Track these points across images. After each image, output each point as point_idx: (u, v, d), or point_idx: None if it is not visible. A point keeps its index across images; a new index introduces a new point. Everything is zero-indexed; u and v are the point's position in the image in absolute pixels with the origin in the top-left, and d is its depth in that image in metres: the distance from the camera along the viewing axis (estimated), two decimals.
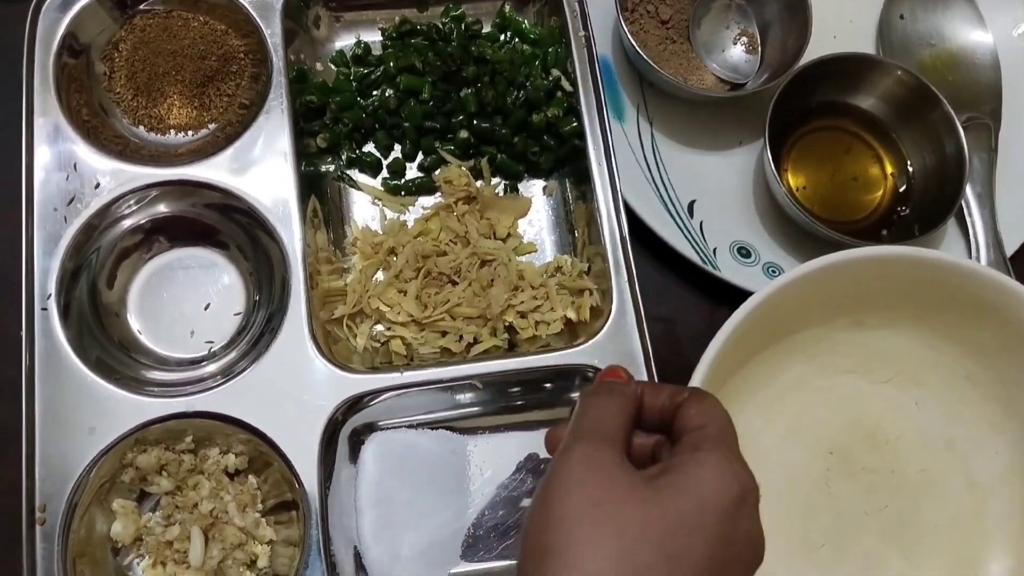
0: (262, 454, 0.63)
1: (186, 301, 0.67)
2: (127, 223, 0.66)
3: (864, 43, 0.82)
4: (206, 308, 0.67)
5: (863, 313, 0.68)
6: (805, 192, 0.75)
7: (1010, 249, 0.75)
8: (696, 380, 0.58)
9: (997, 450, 0.68)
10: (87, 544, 0.60)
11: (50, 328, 0.62)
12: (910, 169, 0.76)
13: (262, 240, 0.67)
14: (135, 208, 0.66)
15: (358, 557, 0.62)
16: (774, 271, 0.72)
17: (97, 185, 0.65)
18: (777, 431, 0.68)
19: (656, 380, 0.65)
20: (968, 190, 0.75)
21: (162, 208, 0.67)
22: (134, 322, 0.66)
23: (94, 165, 0.65)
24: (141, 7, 0.71)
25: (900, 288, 0.65)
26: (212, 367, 0.66)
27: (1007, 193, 0.77)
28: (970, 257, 0.75)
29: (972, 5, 0.82)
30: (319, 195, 0.70)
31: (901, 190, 0.76)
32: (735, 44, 0.78)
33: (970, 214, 0.75)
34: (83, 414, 0.60)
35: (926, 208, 0.74)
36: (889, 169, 0.77)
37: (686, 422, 0.46)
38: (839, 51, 0.75)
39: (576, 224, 0.72)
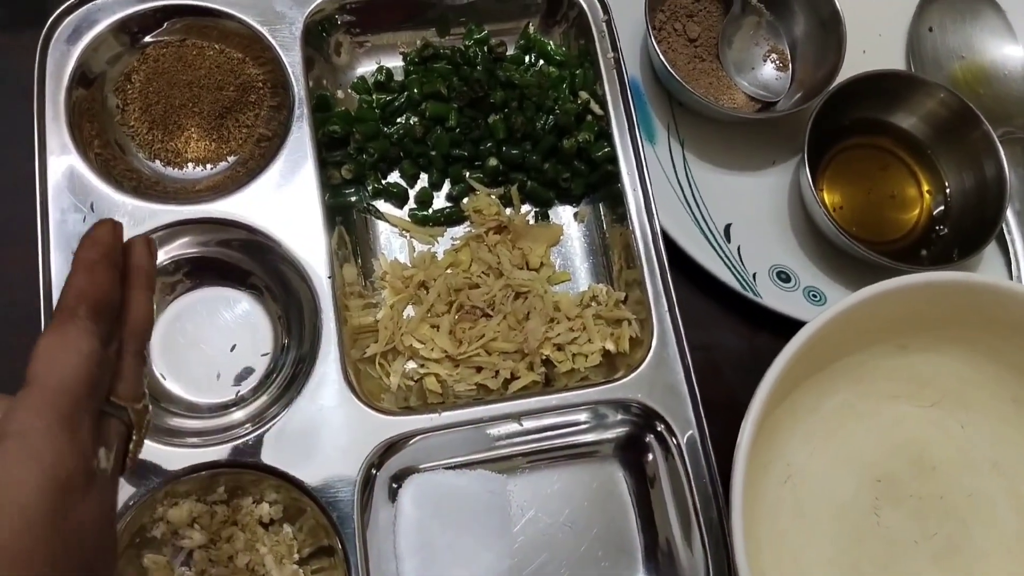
0: (296, 502, 0.60)
1: (211, 342, 0.65)
2: None
3: (894, 57, 0.81)
4: (232, 349, 0.65)
5: (907, 337, 0.66)
6: (842, 212, 0.73)
7: None
8: (750, 418, 0.56)
9: None
10: None
11: None
12: (947, 188, 0.75)
13: (289, 277, 0.64)
14: (158, 249, 0.63)
15: None
16: (815, 295, 0.70)
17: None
18: (823, 460, 0.67)
19: (701, 411, 0.63)
20: (1007, 209, 0.73)
21: (184, 247, 0.64)
22: (159, 367, 0.64)
23: (112, 204, 0.63)
24: (154, 36, 0.68)
25: (945, 311, 0.64)
26: (241, 413, 0.63)
27: None
28: (1010, 276, 0.73)
29: (1002, 17, 0.80)
30: (345, 227, 0.68)
31: (938, 210, 0.75)
32: (765, 61, 0.76)
33: (1009, 232, 0.74)
34: None
35: (965, 228, 0.73)
36: (925, 187, 0.75)
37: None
38: (869, 65, 0.74)
39: (611, 249, 0.70)
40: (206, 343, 0.65)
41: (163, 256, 0.64)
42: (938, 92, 0.72)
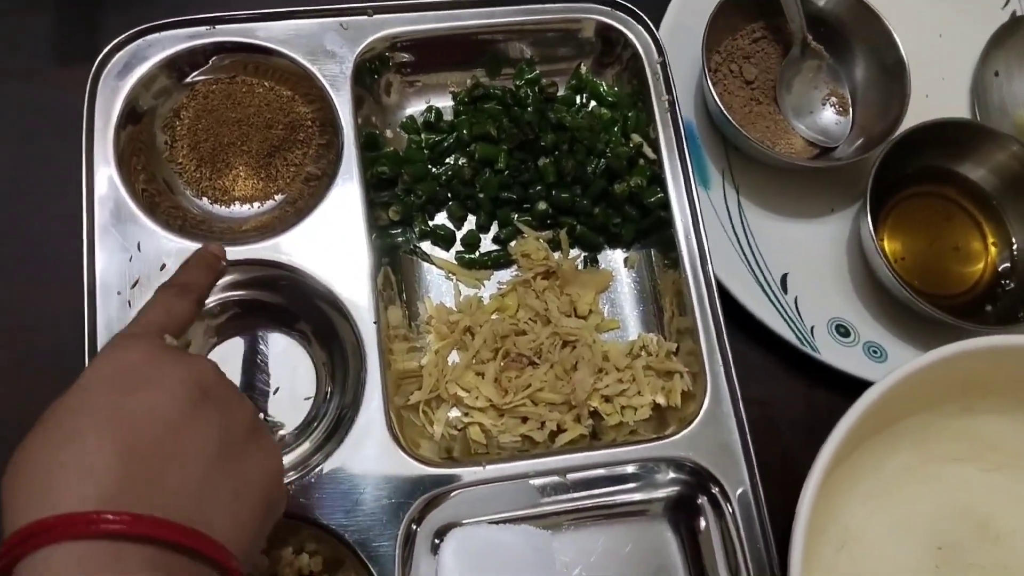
0: (336, 554, 0.59)
1: (255, 385, 0.64)
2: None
3: (958, 102, 0.78)
4: (275, 392, 0.64)
5: (973, 399, 0.63)
6: (903, 263, 0.71)
7: None
8: (810, 486, 0.54)
9: None
10: None
11: None
12: (1014, 243, 0.72)
13: (334, 321, 0.63)
14: None
15: None
16: (875, 351, 0.68)
17: (163, 267, 0.61)
18: (883, 523, 0.64)
19: (756, 472, 0.60)
20: None
21: (229, 289, 0.63)
22: None
23: (159, 245, 0.62)
24: (203, 73, 0.67)
25: (1013, 373, 0.61)
26: (284, 460, 0.61)
27: None
28: None
29: None
30: (392, 268, 0.67)
31: (1004, 264, 0.72)
32: (825, 106, 0.74)
33: None
34: None
35: None
36: (991, 240, 0.73)
37: None
38: (932, 110, 0.72)
39: (662, 297, 0.68)
40: (249, 385, 0.64)
41: (210, 299, 0.63)
42: (1010, 144, 0.70)
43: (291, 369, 0.64)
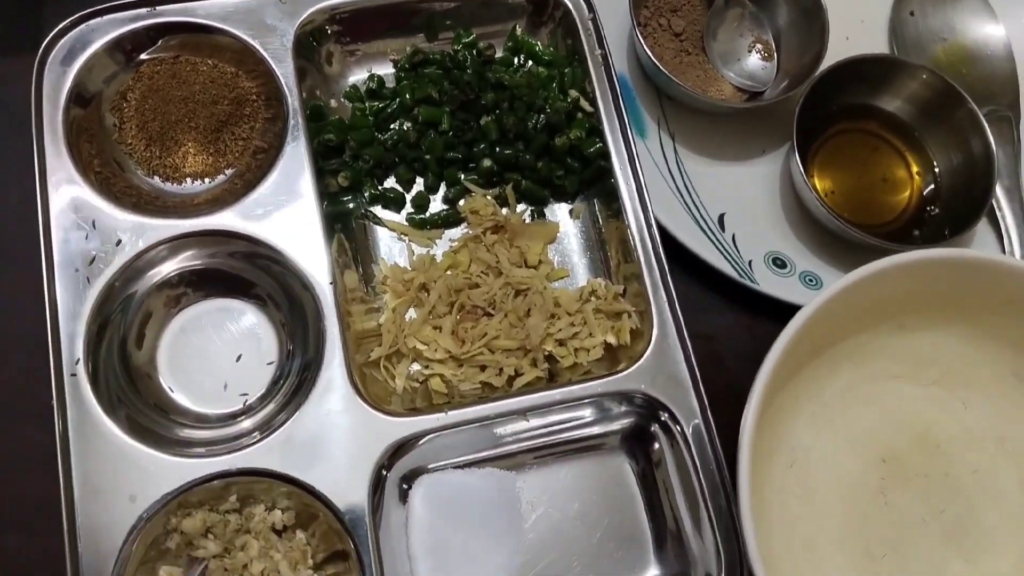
0: (308, 507, 0.61)
1: (217, 354, 0.65)
2: (152, 278, 0.64)
3: (876, 42, 0.82)
4: (238, 359, 0.65)
5: (905, 316, 0.67)
6: (833, 196, 0.74)
7: None
8: (752, 404, 0.56)
9: None
10: None
11: (81, 394, 0.59)
12: (936, 169, 0.76)
13: (292, 285, 0.65)
14: (160, 263, 0.64)
15: None
16: (811, 280, 0.71)
17: (119, 242, 0.63)
18: (829, 443, 0.67)
19: (704, 399, 0.63)
20: (996, 186, 0.74)
21: (186, 261, 0.65)
22: (166, 381, 0.64)
23: (113, 221, 0.63)
24: (148, 54, 0.69)
25: (942, 289, 0.64)
26: (250, 422, 0.64)
27: None
28: (1003, 251, 0.74)
29: None
30: (345, 233, 0.69)
31: (928, 190, 0.76)
32: (751, 52, 0.77)
33: (1000, 209, 0.75)
34: (122, 481, 0.58)
35: (956, 206, 0.74)
36: (915, 169, 0.76)
37: None
38: (853, 51, 0.75)
39: (608, 244, 0.71)
40: (212, 355, 0.65)
41: (166, 269, 0.65)
42: (920, 73, 0.73)
43: (252, 335, 0.66)
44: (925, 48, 0.80)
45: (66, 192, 0.63)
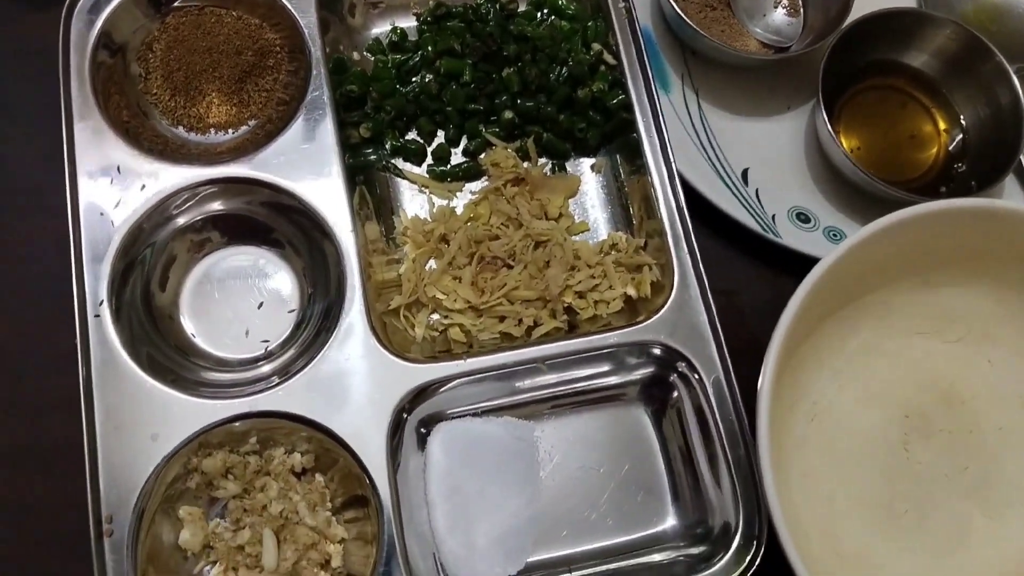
0: (328, 451, 0.61)
1: (239, 301, 0.66)
2: (176, 223, 0.65)
3: (906, 1, 0.80)
4: (260, 307, 0.66)
5: (930, 272, 0.66)
6: (859, 153, 0.73)
7: None
8: (771, 353, 0.56)
9: None
10: (156, 554, 0.58)
11: (104, 335, 0.60)
12: (964, 124, 0.75)
13: (313, 235, 0.66)
14: (184, 208, 0.65)
15: (433, 552, 0.61)
16: (835, 235, 0.70)
17: (143, 187, 0.63)
18: (851, 397, 0.66)
19: (724, 350, 0.63)
20: None
21: (211, 207, 0.66)
22: (188, 325, 0.65)
23: (138, 167, 0.64)
24: (174, 4, 0.69)
25: (966, 244, 0.63)
26: (270, 367, 0.64)
27: None
28: None
29: None
30: (367, 186, 0.69)
31: (954, 146, 0.75)
32: (776, 7, 0.77)
33: None
34: (144, 421, 0.59)
35: (983, 163, 0.72)
36: (942, 126, 0.75)
37: None
38: (879, 7, 0.74)
39: (631, 200, 0.71)
40: (234, 301, 0.66)
41: (191, 216, 0.66)
42: (946, 27, 0.72)
43: (274, 283, 0.67)
44: (953, 4, 0.78)
45: (92, 138, 0.64)
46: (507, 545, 0.61)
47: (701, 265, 0.65)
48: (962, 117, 0.75)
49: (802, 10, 0.76)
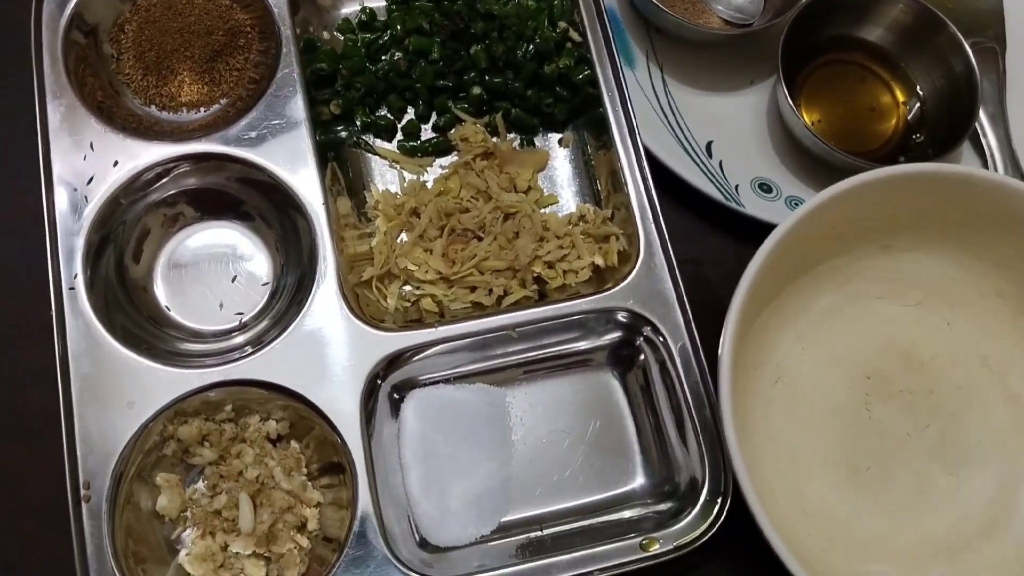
0: (303, 418, 0.62)
1: (213, 274, 0.67)
2: (150, 198, 0.66)
3: None
4: (233, 280, 0.67)
5: (890, 237, 0.68)
6: (820, 125, 0.75)
7: None
8: (733, 311, 0.58)
9: None
10: (134, 519, 0.59)
11: (79, 307, 0.61)
12: (921, 94, 0.77)
13: (285, 209, 0.67)
14: (157, 184, 0.66)
15: (408, 514, 0.62)
16: (796, 204, 0.72)
17: (115, 163, 0.64)
18: (814, 359, 0.68)
19: (689, 315, 0.65)
20: (980, 112, 0.75)
21: (185, 182, 0.67)
22: (162, 297, 0.66)
23: (111, 144, 0.65)
24: None
25: (924, 209, 0.65)
26: (243, 337, 0.65)
27: (1019, 114, 0.77)
28: None
29: None
30: (338, 163, 0.70)
31: (913, 116, 0.77)
32: None
33: (984, 135, 0.76)
34: (121, 390, 0.60)
35: (940, 132, 0.74)
36: (900, 98, 0.77)
37: None
38: None
39: (598, 173, 0.72)
40: (208, 275, 0.67)
41: (165, 191, 0.67)
42: (899, 1, 0.74)
43: (247, 257, 0.68)
44: None
45: (66, 115, 0.65)
46: (480, 507, 0.63)
47: (666, 234, 0.66)
48: (919, 88, 0.77)
49: None
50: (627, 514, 0.63)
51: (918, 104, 0.77)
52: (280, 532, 0.60)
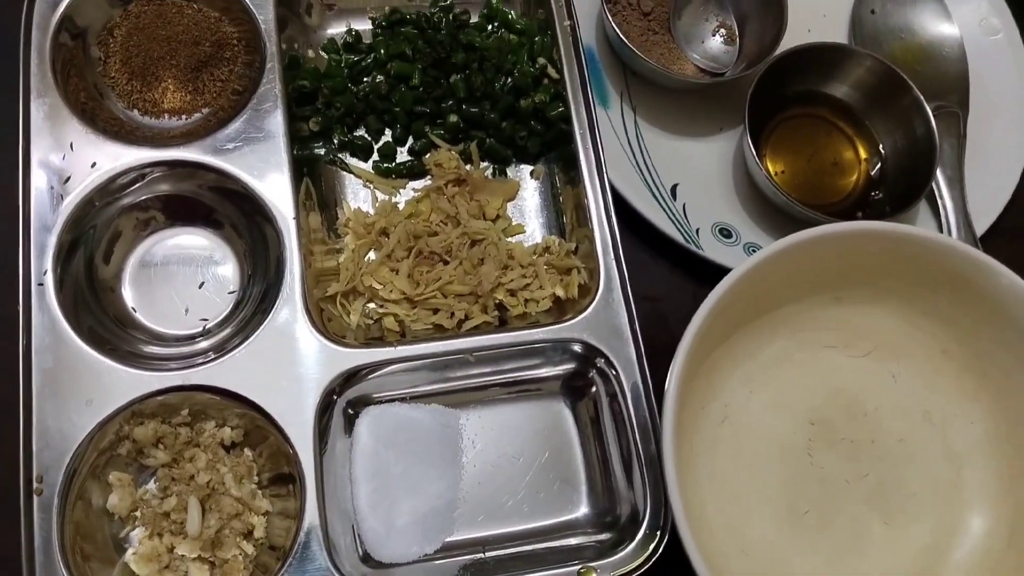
0: (258, 427, 0.64)
1: (181, 279, 0.69)
2: (124, 201, 0.67)
3: (837, 36, 0.85)
4: (200, 286, 0.68)
5: (842, 289, 0.70)
6: (784, 176, 0.78)
7: (979, 231, 0.78)
8: (681, 350, 0.59)
9: (972, 420, 0.70)
10: (84, 516, 0.60)
11: (47, 303, 0.62)
12: (883, 152, 0.79)
13: (256, 220, 0.68)
14: (132, 187, 0.67)
15: (353, 528, 0.63)
16: (754, 250, 0.75)
17: (93, 164, 0.66)
18: (762, 402, 0.70)
19: (642, 352, 0.66)
20: (939, 174, 0.78)
21: (159, 187, 0.68)
22: (129, 298, 0.67)
23: (90, 146, 0.66)
24: None
25: (877, 264, 0.67)
26: (207, 343, 0.67)
27: (976, 178, 0.80)
28: None
29: (939, 0, 0.86)
30: (312, 179, 0.72)
31: (874, 174, 0.79)
32: (714, 35, 0.81)
33: (941, 197, 0.78)
34: (81, 387, 0.61)
35: (899, 190, 0.77)
36: (863, 154, 0.80)
37: None
38: (813, 41, 0.78)
39: (565, 208, 0.74)
40: (176, 279, 0.69)
41: (140, 195, 0.68)
42: (866, 61, 0.77)
43: (216, 264, 0.69)
44: (882, 44, 0.84)
45: (48, 114, 0.67)
46: (426, 525, 0.64)
47: (626, 271, 0.68)
48: (881, 146, 0.79)
49: (738, 39, 0.81)
50: (570, 541, 0.65)
51: (879, 162, 0.79)
52: (226, 538, 0.61)
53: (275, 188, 0.67)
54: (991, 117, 0.84)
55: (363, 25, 0.77)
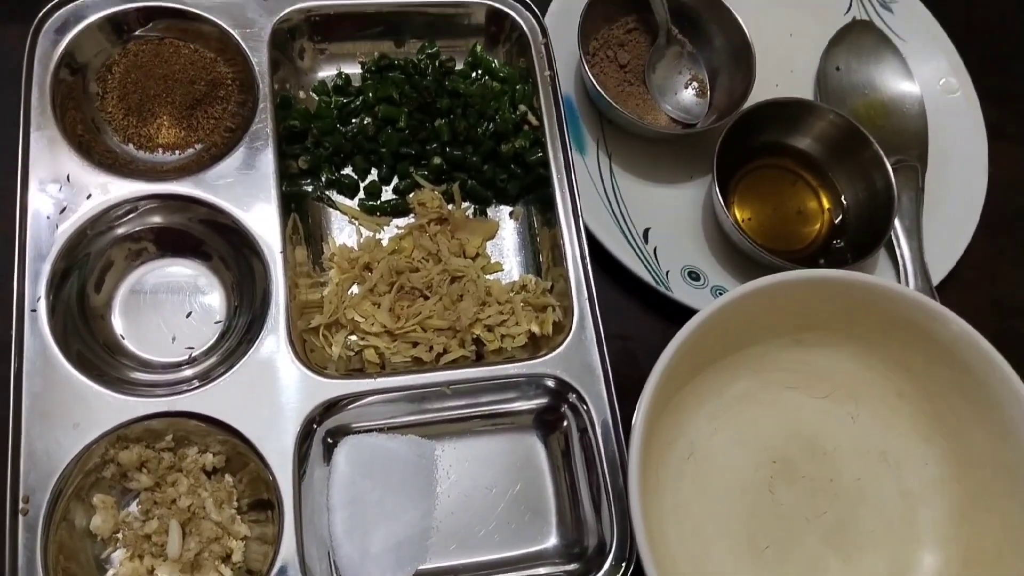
0: (239, 454, 0.66)
1: (169, 308, 0.71)
2: (117, 232, 0.70)
3: (803, 91, 0.90)
4: (188, 316, 0.71)
5: (803, 332, 0.73)
6: (751, 223, 0.82)
7: (936, 280, 0.82)
8: (649, 388, 0.62)
9: (926, 461, 0.74)
10: (68, 536, 0.62)
11: (39, 328, 0.64)
12: (845, 203, 0.83)
13: (245, 253, 0.71)
14: (126, 219, 0.70)
15: (329, 554, 0.65)
16: (720, 293, 0.78)
17: (89, 196, 0.68)
18: (725, 439, 0.73)
19: (612, 388, 0.69)
20: (897, 224, 0.82)
21: (151, 219, 0.71)
22: (118, 326, 0.70)
23: (86, 178, 0.69)
24: (136, 33, 0.75)
25: (836, 309, 0.71)
26: (192, 371, 0.69)
27: (933, 230, 0.84)
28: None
29: (901, 59, 0.90)
30: (300, 214, 0.75)
31: (837, 223, 0.83)
32: (687, 88, 0.85)
33: (899, 246, 0.82)
34: (68, 410, 0.63)
35: (859, 239, 0.81)
36: (826, 204, 0.84)
37: None
38: (780, 96, 0.83)
39: (541, 248, 0.77)
40: (164, 309, 0.71)
41: (132, 226, 0.70)
42: (829, 115, 0.82)
43: (204, 294, 0.72)
44: (847, 100, 0.88)
45: (47, 147, 0.69)
46: (400, 553, 0.66)
47: (598, 310, 0.72)
48: (844, 197, 0.83)
49: (709, 92, 0.85)
50: (539, 571, 0.67)
51: (841, 212, 0.83)
52: (205, 561, 0.63)
53: (263, 222, 0.70)
54: (948, 172, 0.88)
55: (353, 69, 0.81)
